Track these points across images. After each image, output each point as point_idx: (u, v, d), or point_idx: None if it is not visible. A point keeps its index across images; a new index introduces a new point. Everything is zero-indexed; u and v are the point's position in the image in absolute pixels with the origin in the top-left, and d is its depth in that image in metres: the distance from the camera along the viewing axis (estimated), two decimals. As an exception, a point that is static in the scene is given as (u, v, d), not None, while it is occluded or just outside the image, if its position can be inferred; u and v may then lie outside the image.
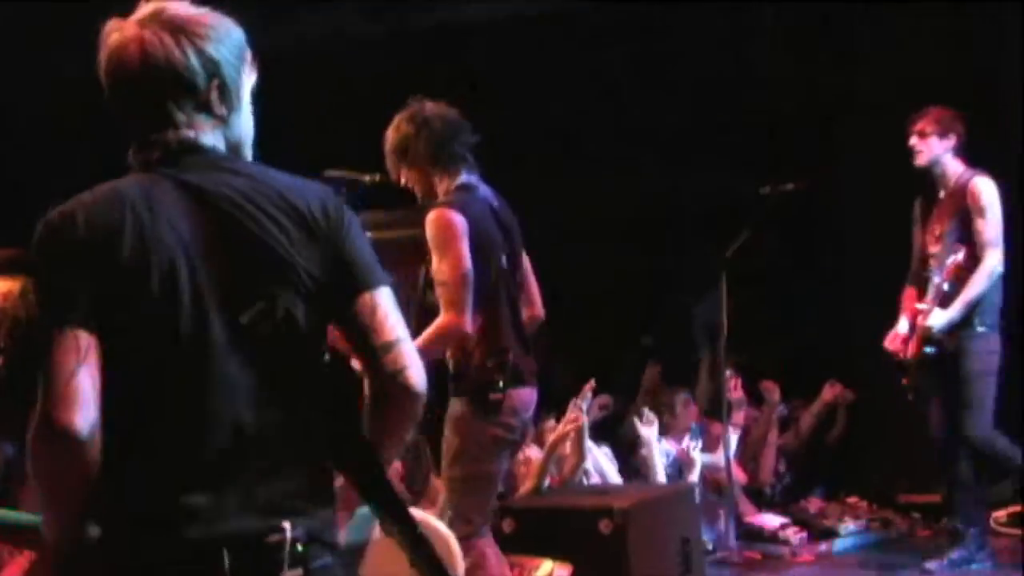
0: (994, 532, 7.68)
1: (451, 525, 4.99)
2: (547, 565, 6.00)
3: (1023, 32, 8.16)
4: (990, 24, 8.41)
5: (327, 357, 2.68)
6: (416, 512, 3.41)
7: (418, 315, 5.03)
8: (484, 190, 5.09)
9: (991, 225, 6.85)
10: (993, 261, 6.81)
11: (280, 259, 2.58)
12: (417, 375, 2.73)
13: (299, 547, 2.55)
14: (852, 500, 8.41)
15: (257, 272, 2.57)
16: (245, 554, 2.51)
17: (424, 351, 4.92)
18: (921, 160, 7.01)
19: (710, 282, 7.92)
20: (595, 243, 10.49)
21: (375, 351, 2.68)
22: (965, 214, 6.91)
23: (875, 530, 8.12)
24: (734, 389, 8.39)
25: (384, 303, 2.73)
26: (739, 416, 8.51)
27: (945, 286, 6.83)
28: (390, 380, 2.69)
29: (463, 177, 5.05)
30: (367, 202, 5.17)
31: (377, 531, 3.33)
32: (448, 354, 5.04)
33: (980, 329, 6.82)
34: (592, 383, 6.76)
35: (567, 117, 9.95)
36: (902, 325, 7.08)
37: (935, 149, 6.99)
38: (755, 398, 8.84)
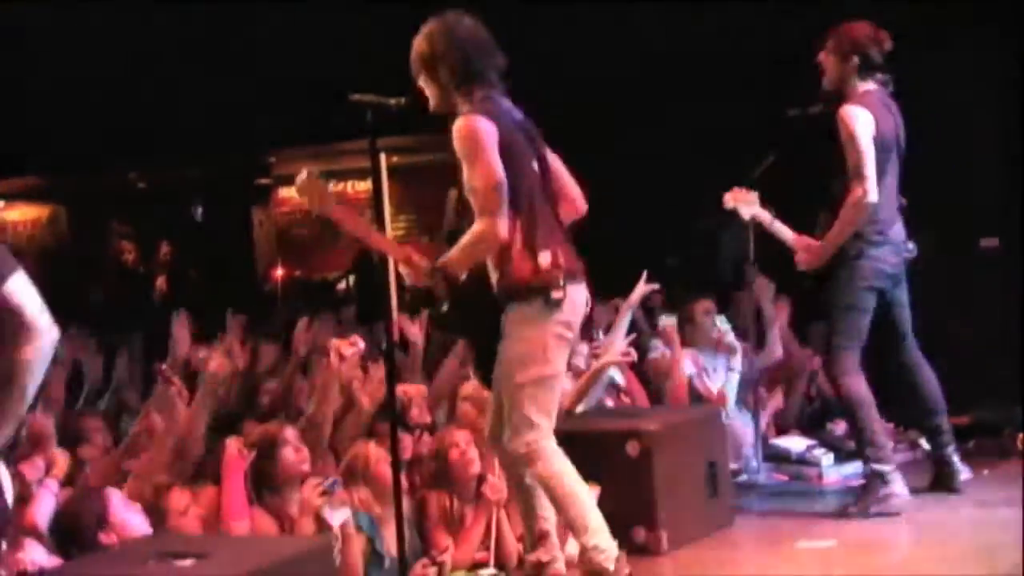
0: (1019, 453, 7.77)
1: (516, 433, 5.04)
2: (575, 487, 6.05)
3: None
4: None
5: None
6: None
7: (449, 240, 5.05)
8: (506, 103, 5.09)
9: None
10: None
11: None
12: None
13: None
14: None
15: None
16: None
17: (463, 258, 4.98)
18: None
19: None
20: (621, 167, 10.49)
21: None
22: None
23: (901, 452, 8.12)
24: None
25: None
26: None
27: None
28: None
29: (481, 92, 5.05)
30: (393, 126, 5.18)
31: None
32: (493, 266, 5.06)
33: None
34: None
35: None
36: None
37: None
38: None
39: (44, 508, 4.99)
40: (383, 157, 5.24)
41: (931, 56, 7.30)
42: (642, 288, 7.65)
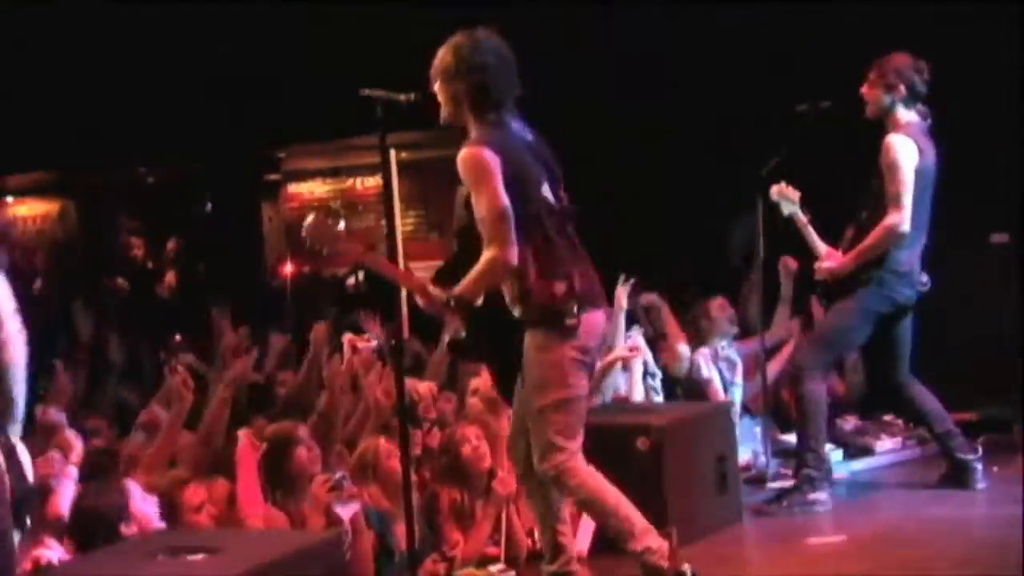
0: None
1: (543, 458, 5.06)
2: (584, 483, 6.05)
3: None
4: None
5: None
6: None
7: (457, 234, 5.06)
8: (516, 126, 5.09)
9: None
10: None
11: None
12: None
13: None
14: (888, 418, 8.40)
15: None
16: None
17: (475, 287, 5.01)
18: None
19: (746, 204, 7.89)
20: (631, 164, 10.49)
21: None
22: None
23: (911, 448, 8.13)
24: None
25: None
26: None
27: None
28: None
29: (494, 116, 5.05)
30: (404, 122, 5.18)
31: None
32: (509, 298, 5.09)
33: None
34: None
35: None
36: None
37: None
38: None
39: (66, 497, 4.98)
40: (393, 153, 5.25)
41: (942, 49, 7.28)
42: (621, 290, 7.73)
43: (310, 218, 5.27)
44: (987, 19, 8.68)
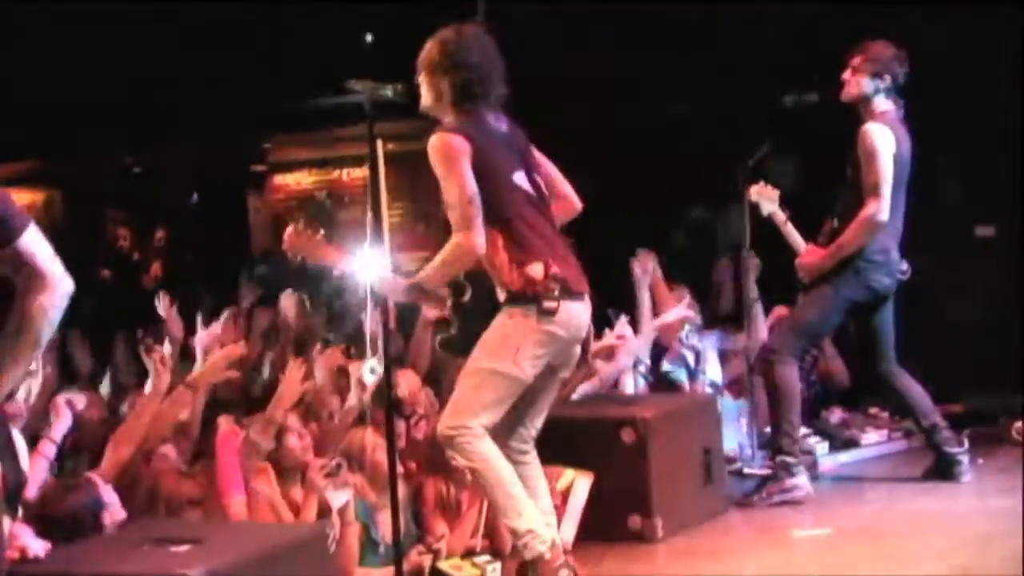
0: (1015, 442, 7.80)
1: (450, 414, 5.00)
2: (569, 474, 6.06)
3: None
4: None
5: None
6: None
7: (445, 226, 5.05)
8: (491, 117, 5.08)
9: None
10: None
11: None
12: None
13: None
14: (874, 411, 8.42)
15: None
16: None
17: (438, 273, 5.01)
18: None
19: (733, 193, 7.90)
20: (616, 153, 10.48)
21: None
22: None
23: (896, 441, 8.14)
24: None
25: None
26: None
27: None
28: None
29: (470, 106, 5.06)
30: (390, 113, 5.17)
31: None
32: (496, 283, 5.06)
33: None
34: None
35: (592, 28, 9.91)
36: None
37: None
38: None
39: (36, 476, 4.92)
40: (380, 144, 5.25)
41: (929, 42, 7.30)
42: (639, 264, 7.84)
43: (288, 230, 5.38)
44: (975, 11, 8.68)
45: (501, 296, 5.06)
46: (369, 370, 5.91)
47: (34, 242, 3.35)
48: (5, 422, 3.28)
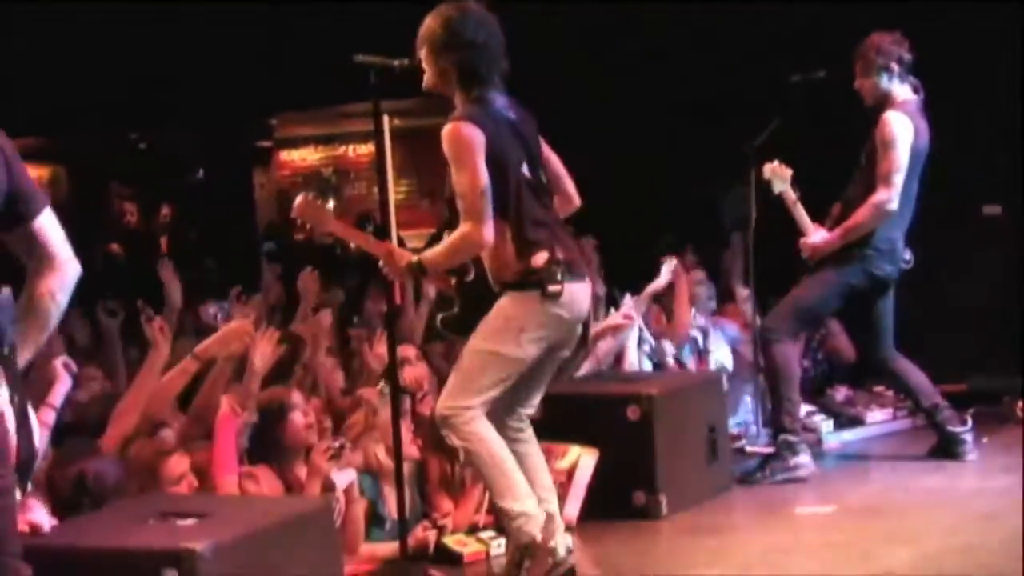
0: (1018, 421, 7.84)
1: (449, 394, 5.02)
2: (574, 451, 6.07)
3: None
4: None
5: None
6: None
7: (449, 202, 5.05)
8: (500, 102, 5.06)
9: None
10: None
11: None
12: None
13: None
14: (879, 389, 8.41)
15: None
16: None
17: (443, 258, 5.02)
18: None
19: (739, 173, 7.89)
20: (623, 133, 10.47)
21: None
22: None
23: (901, 419, 8.14)
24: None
25: None
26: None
27: None
28: None
29: (479, 92, 5.03)
30: (397, 89, 5.16)
31: None
32: (491, 274, 5.07)
33: None
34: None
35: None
36: None
37: None
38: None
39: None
40: (386, 119, 5.24)
41: (935, 22, 7.28)
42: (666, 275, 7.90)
43: (299, 198, 5.39)
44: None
45: (496, 286, 5.06)
46: (380, 391, 5.94)
47: (49, 223, 3.39)
48: (24, 398, 3.30)
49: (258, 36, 12.18)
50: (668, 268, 7.88)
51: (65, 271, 3.38)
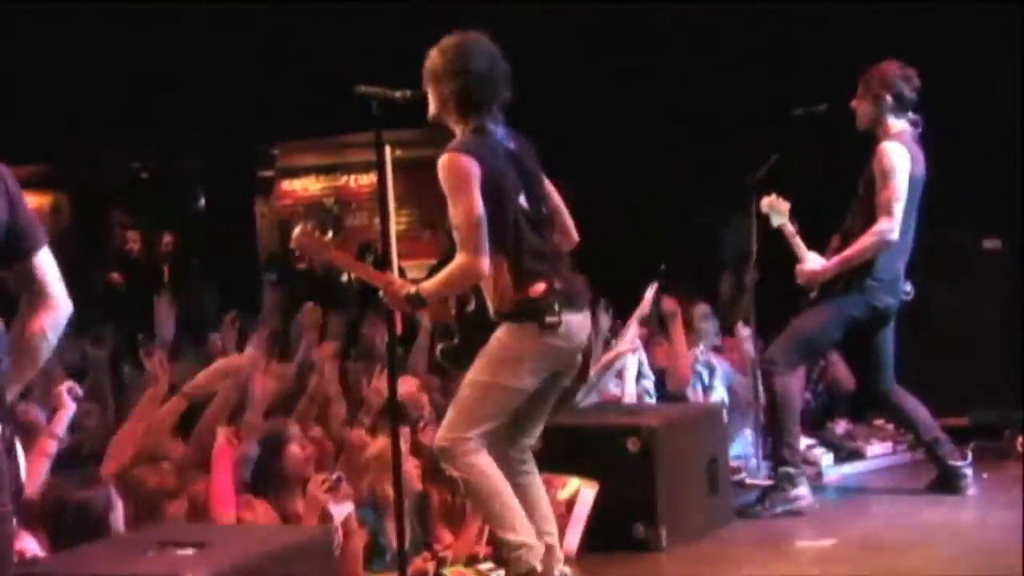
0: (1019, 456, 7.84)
1: (448, 427, 5.02)
2: (574, 483, 6.06)
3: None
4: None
5: None
6: None
7: (450, 233, 5.05)
8: (500, 133, 5.08)
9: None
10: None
11: None
12: None
13: None
14: (879, 422, 8.41)
15: None
16: None
17: (440, 288, 5.02)
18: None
19: (738, 205, 7.90)
20: (621, 164, 10.50)
21: None
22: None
23: (901, 453, 8.13)
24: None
25: None
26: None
27: None
28: None
29: (478, 121, 5.05)
30: (399, 119, 5.17)
31: None
32: (490, 304, 5.07)
33: None
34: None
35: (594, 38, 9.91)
36: None
37: None
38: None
39: (38, 473, 4.90)
40: (388, 150, 5.25)
41: (937, 52, 7.30)
42: (648, 299, 7.81)
43: (297, 229, 5.41)
44: (983, 21, 8.68)
45: (494, 315, 5.06)
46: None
47: (47, 261, 3.42)
48: (13, 432, 3.29)
49: (261, 66, 12.22)
50: (650, 292, 7.87)
51: (59, 310, 3.41)
